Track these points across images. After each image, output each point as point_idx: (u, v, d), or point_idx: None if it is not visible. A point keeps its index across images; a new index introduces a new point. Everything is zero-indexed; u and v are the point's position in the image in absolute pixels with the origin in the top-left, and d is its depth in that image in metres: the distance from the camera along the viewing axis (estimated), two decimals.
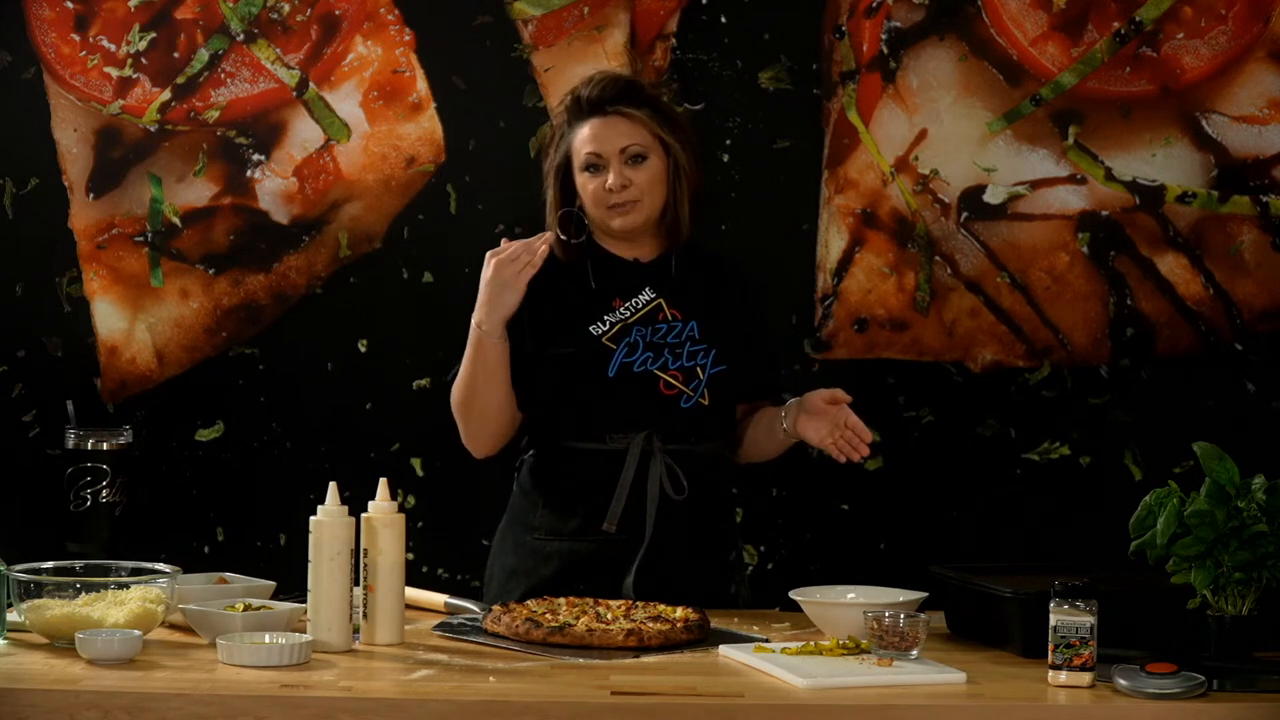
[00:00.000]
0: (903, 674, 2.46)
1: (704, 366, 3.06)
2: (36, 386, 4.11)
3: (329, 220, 4.11)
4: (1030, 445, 4.10)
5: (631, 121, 3.04)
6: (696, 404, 3.05)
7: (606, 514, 3.01)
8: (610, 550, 3.02)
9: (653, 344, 3.05)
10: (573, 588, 2.96)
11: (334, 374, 4.12)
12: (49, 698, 2.32)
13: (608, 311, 3.06)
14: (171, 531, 4.01)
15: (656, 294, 3.08)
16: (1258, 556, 2.51)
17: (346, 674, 2.47)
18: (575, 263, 3.08)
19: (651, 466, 3.01)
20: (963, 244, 4.09)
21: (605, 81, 3.06)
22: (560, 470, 3.08)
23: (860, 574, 3.12)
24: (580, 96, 3.06)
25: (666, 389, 3.04)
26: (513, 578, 3.09)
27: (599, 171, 3.04)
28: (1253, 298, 4.09)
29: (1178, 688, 2.35)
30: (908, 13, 4.07)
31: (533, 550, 3.08)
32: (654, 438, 3.01)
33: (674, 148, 3.05)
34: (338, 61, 4.09)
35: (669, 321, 3.07)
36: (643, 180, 3.04)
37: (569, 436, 3.06)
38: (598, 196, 3.04)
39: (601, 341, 3.04)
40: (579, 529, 3.04)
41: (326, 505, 2.64)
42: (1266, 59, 4.07)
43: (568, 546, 3.05)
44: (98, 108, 4.09)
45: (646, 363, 3.04)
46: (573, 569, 3.03)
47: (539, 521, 3.09)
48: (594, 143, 3.03)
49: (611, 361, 3.03)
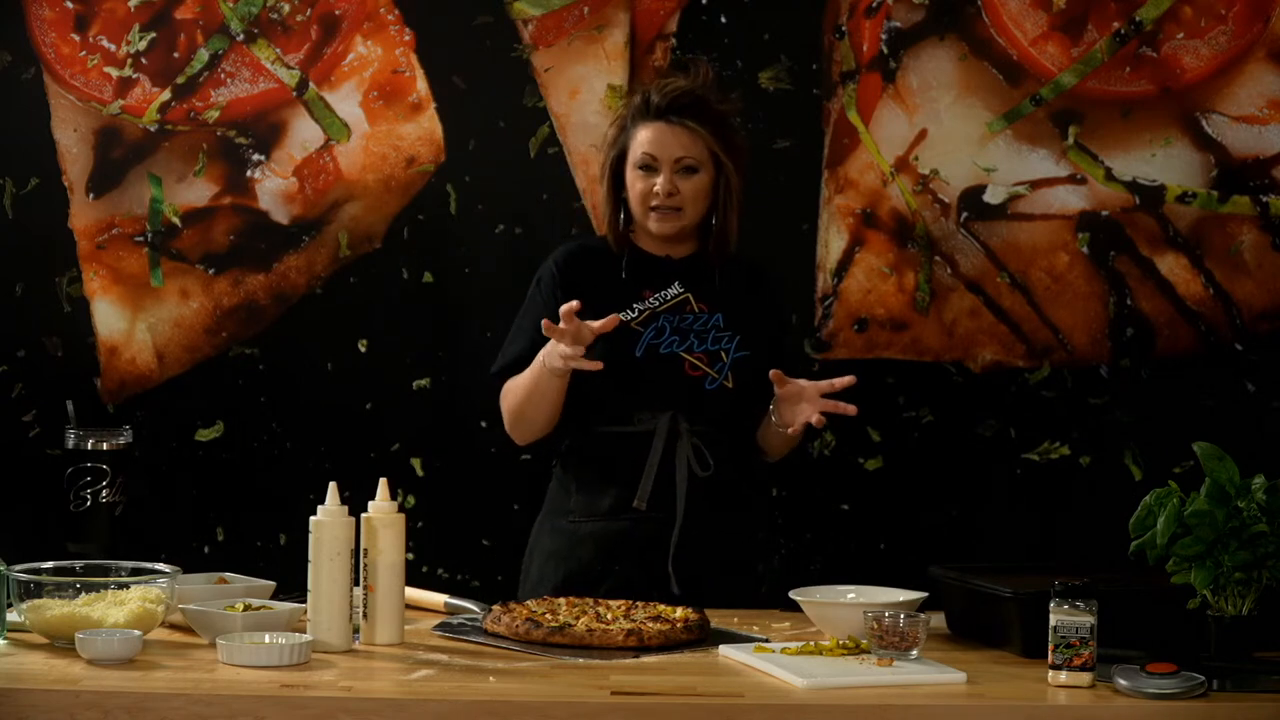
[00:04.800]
0: (903, 674, 2.46)
1: (728, 350, 3.17)
2: (36, 386, 4.11)
3: (329, 220, 4.11)
4: (1030, 445, 4.10)
5: (691, 134, 3.15)
6: (720, 386, 3.16)
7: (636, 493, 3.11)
8: (643, 528, 3.12)
9: (679, 329, 3.17)
10: (608, 567, 3.09)
11: (334, 374, 4.12)
12: (49, 698, 2.32)
13: (637, 300, 3.17)
14: (171, 531, 4.01)
15: (684, 289, 3.19)
16: (1258, 556, 2.52)
17: (346, 674, 2.47)
18: (613, 258, 3.20)
19: (679, 446, 3.12)
20: (963, 244, 4.09)
21: (676, 91, 3.16)
22: (591, 454, 3.18)
23: (860, 574, 3.12)
24: (650, 100, 3.17)
25: (692, 370, 3.15)
26: (550, 560, 3.18)
27: (651, 173, 3.16)
28: (1253, 298, 4.09)
29: (1178, 688, 2.35)
30: (908, 13, 4.07)
31: (568, 534, 3.18)
32: (679, 418, 3.12)
33: (726, 166, 3.17)
34: (338, 61, 4.09)
35: (695, 313, 3.18)
36: (689, 191, 3.15)
37: (599, 420, 3.16)
38: (645, 196, 3.16)
39: (630, 326, 3.14)
40: (611, 509, 3.15)
41: (326, 505, 2.64)
42: (1266, 59, 4.07)
43: (601, 527, 3.15)
44: (98, 108, 4.09)
45: (673, 345, 3.15)
46: (608, 549, 3.13)
47: (573, 505, 3.19)
48: (652, 146, 3.15)
49: (639, 343, 3.14)
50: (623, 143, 3.19)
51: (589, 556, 3.14)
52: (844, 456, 4.09)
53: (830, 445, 4.07)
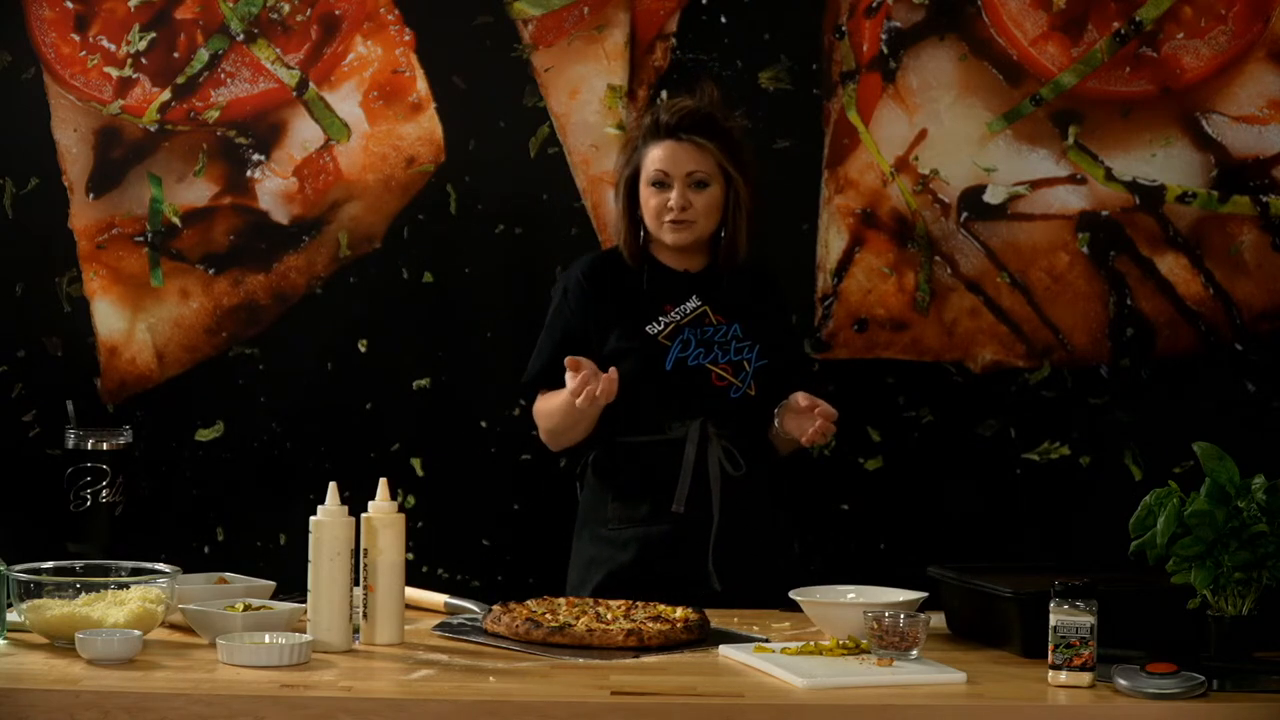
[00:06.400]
0: (903, 674, 2.46)
1: (750, 360, 3.32)
2: (36, 386, 4.11)
3: (329, 220, 4.11)
4: (1030, 445, 4.10)
5: (701, 150, 3.30)
6: (744, 394, 3.30)
7: (673, 497, 3.24)
8: (682, 530, 3.24)
9: (704, 342, 3.32)
10: (649, 570, 3.21)
11: (334, 374, 4.12)
12: (49, 698, 2.32)
13: (660, 314, 3.31)
14: (171, 531, 4.01)
15: (702, 302, 3.33)
16: (1258, 556, 2.52)
17: (346, 674, 2.47)
18: (632, 272, 3.35)
19: (710, 450, 3.26)
20: (963, 244, 4.09)
21: (684, 111, 3.32)
22: (625, 464, 3.31)
23: (860, 574, 3.12)
24: (660, 120, 3.32)
25: (718, 380, 3.29)
26: (591, 565, 3.30)
27: (664, 189, 3.30)
28: (1253, 298, 4.09)
29: (1178, 688, 2.35)
30: (908, 13, 4.07)
31: (609, 540, 3.30)
32: (708, 425, 3.26)
33: (735, 179, 3.32)
34: (338, 61, 4.09)
35: (714, 324, 3.32)
36: (701, 204, 3.30)
37: (631, 430, 3.28)
38: (659, 210, 3.30)
39: (658, 340, 3.29)
40: (650, 515, 3.27)
41: (326, 505, 2.65)
42: (1266, 59, 4.07)
43: (641, 532, 3.27)
44: (98, 108, 4.09)
45: (699, 357, 3.30)
46: (649, 552, 3.25)
47: (611, 514, 3.31)
48: (664, 163, 3.30)
49: (668, 356, 3.28)
50: (635, 162, 3.34)
51: (629, 560, 3.26)
52: (844, 456, 4.09)
53: (830, 445, 4.07)
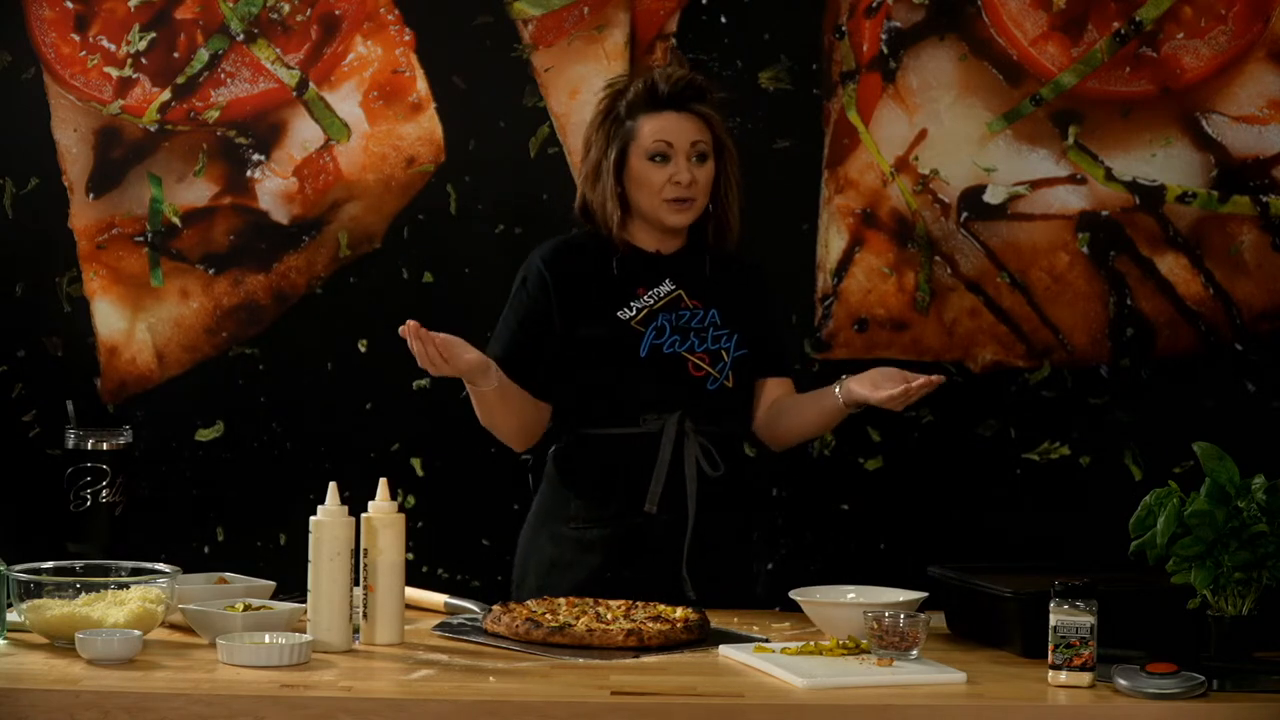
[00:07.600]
0: (903, 674, 2.46)
1: (728, 350, 3.12)
2: (36, 386, 4.11)
3: (329, 220, 4.11)
4: (1030, 445, 4.10)
5: (702, 120, 3.10)
6: (722, 386, 3.11)
7: (645, 496, 3.04)
8: (653, 531, 3.06)
9: (679, 328, 3.10)
10: (619, 574, 3.01)
11: (334, 374, 4.11)
12: (49, 698, 2.32)
13: (633, 298, 3.10)
14: (171, 531, 4.00)
15: (676, 286, 3.12)
16: (1258, 556, 2.52)
17: (346, 674, 2.47)
18: (598, 254, 3.12)
19: (686, 446, 3.06)
20: (963, 244, 4.09)
21: (681, 78, 3.11)
22: (593, 457, 3.11)
23: (860, 574, 3.11)
24: (656, 89, 3.09)
25: (695, 370, 3.10)
26: (554, 569, 3.10)
27: (666, 162, 3.07)
28: (1253, 298, 4.09)
29: (1178, 688, 2.35)
30: (908, 13, 4.07)
31: (574, 540, 3.10)
32: (686, 419, 3.06)
33: (729, 152, 3.14)
34: (338, 61, 4.09)
35: (690, 309, 3.12)
36: (703, 180, 3.10)
37: (602, 421, 3.09)
38: (660, 188, 3.08)
39: (631, 325, 3.08)
40: (619, 513, 3.07)
41: (326, 505, 2.64)
42: (1266, 59, 4.07)
43: (609, 532, 3.08)
44: (98, 108, 4.09)
45: (675, 345, 3.09)
46: (618, 554, 3.06)
47: (575, 511, 3.11)
48: (667, 134, 3.07)
49: (642, 343, 3.07)
50: (623, 137, 3.10)
51: (598, 563, 3.06)
52: (844, 456, 4.09)
53: (830, 445, 4.07)
